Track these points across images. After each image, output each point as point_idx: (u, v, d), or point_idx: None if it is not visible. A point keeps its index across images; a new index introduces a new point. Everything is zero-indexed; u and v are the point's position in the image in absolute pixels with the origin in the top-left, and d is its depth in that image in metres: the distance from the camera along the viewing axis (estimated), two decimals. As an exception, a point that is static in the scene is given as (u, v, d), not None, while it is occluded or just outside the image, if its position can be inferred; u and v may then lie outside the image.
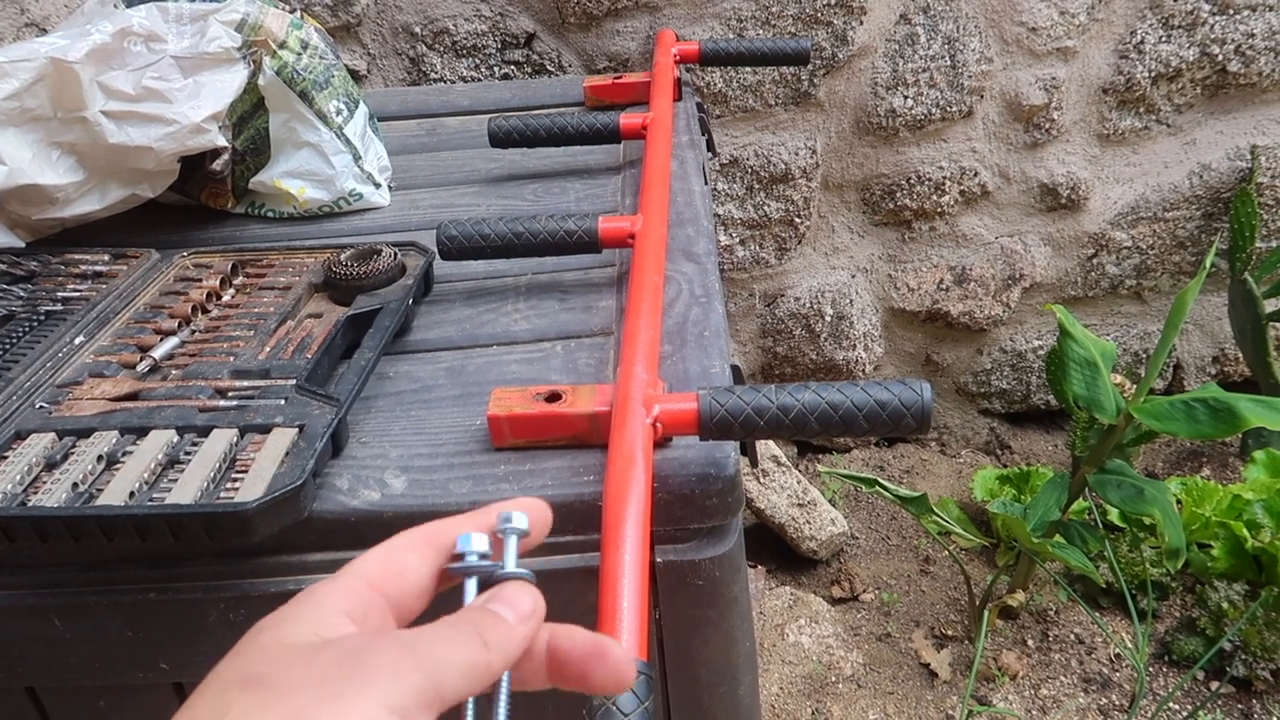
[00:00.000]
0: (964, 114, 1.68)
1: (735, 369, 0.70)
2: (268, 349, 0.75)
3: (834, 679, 1.50)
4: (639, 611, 0.46)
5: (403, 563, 0.36)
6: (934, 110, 1.67)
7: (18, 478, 0.62)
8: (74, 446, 0.66)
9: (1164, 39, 1.64)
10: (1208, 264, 1.32)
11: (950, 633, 1.56)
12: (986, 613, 1.40)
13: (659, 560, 0.61)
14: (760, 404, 0.54)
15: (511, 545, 0.38)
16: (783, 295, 1.84)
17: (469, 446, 0.65)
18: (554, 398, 0.63)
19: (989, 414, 1.99)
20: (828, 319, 1.83)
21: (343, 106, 1.02)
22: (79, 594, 0.63)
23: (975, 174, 1.74)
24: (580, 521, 0.59)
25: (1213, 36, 1.63)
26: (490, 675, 0.33)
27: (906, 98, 1.66)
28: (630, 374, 0.60)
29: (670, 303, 0.78)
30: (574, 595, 0.60)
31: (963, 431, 2.00)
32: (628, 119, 1.03)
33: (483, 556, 0.37)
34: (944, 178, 1.73)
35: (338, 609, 0.33)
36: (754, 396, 0.54)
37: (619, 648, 0.36)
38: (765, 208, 1.75)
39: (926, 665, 1.52)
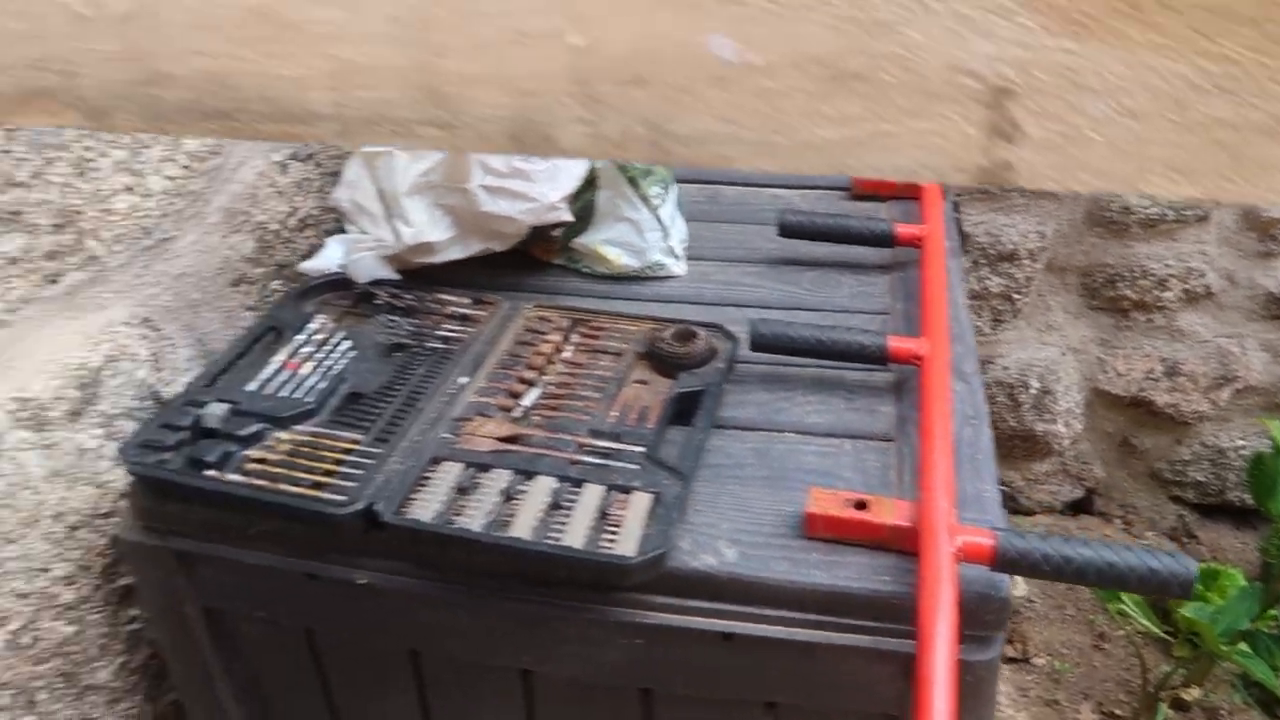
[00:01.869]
0: (1199, 219, 1.73)
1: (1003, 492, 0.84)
2: (614, 413, 0.93)
3: (997, 734, 1.61)
4: (949, 704, 0.61)
5: None
6: (1169, 211, 1.73)
7: (444, 498, 0.82)
8: (476, 477, 0.85)
9: None
10: None
11: (1119, 713, 1.64)
12: (1161, 704, 1.48)
13: (933, 651, 0.75)
14: (1047, 552, 0.68)
15: None
16: (991, 362, 1.93)
17: (783, 530, 0.81)
18: (861, 505, 0.78)
19: (1180, 501, 2.03)
20: (1033, 391, 1.92)
21: (661, 191, 1.19)
22: (478, 595, 0.83)
23: (1201, 275, 1.79)
24: (875, 613, 0.75)
25: None
26: None
27: (1143, 197, 1.72)
28: (932, 502, 0.74)
29: (945, 420, 0.92)
30: (854, 670, 0.76)
31: (1149, 514, 2.05)
32: (904, 230, 1.17)
33: None
34: (1169, 274, 1.79)
35: None
36: (1042, 545, 0.68)
37: None
38: (987, 281, 1.84)
39: (1089, 738, 1.61)
